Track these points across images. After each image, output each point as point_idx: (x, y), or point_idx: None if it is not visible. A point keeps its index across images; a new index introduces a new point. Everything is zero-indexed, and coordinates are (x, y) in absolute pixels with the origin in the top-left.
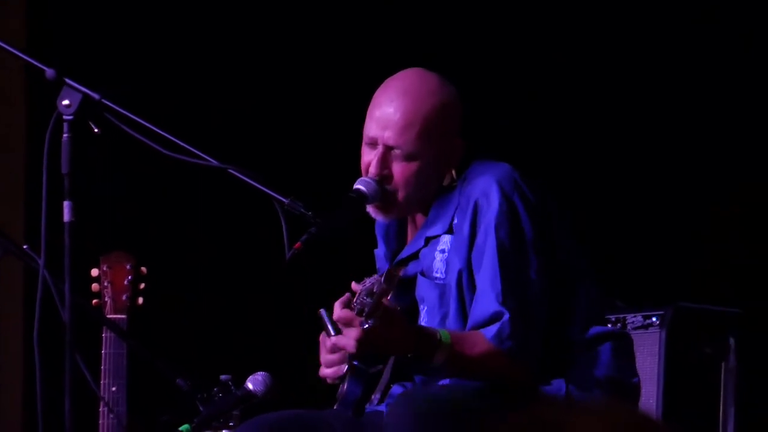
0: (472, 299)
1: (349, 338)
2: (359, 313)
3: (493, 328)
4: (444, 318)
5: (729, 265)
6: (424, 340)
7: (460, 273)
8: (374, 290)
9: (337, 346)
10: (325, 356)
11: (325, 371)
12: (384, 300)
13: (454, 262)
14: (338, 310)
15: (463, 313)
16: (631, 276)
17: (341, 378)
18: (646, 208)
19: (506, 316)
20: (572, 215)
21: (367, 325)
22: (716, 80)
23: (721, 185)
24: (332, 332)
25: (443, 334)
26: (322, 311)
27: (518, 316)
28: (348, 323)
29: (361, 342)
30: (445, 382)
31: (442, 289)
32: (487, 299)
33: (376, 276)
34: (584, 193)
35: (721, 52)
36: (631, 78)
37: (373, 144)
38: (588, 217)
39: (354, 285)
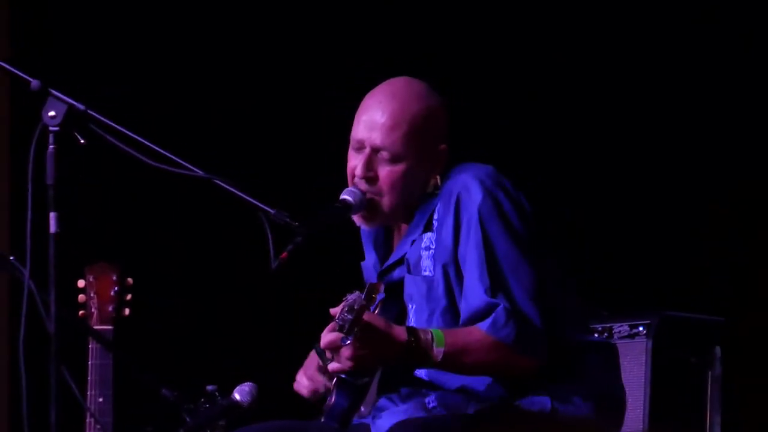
0: (460, 294)
1: (342, 360)
2: (341, 330)
3: (487, 321)
4: (431, 314)
5: (715, 275)
6: (417, 343)
7: (444, 268)
8: (354, 306)
9: (335, 372)
10: (313, 372)
11: (301, 380)
12: (364, 315)
13: (439, 258)
14: (324, 336)
15: (452, 308)
16: (617, 284)
17: (327, 391)
18: (632, 216)
19: (500, 306)
20: (557, 223)
21: (348, 341)
22: (714, 83)
23: (712, 192)
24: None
25: (435, 333)
26: (315, 349)
27: (511, 305)
28: (335, 346)
29: (353, 362)
30: (432, 398)
31: (429, 284)
32: (476, 294)
33: (357, 292)
34: (571, 201)
35: (720, 51)
36: (629, 87)
37: (360, 148)
38: (575, 224)
39: (332, 310)
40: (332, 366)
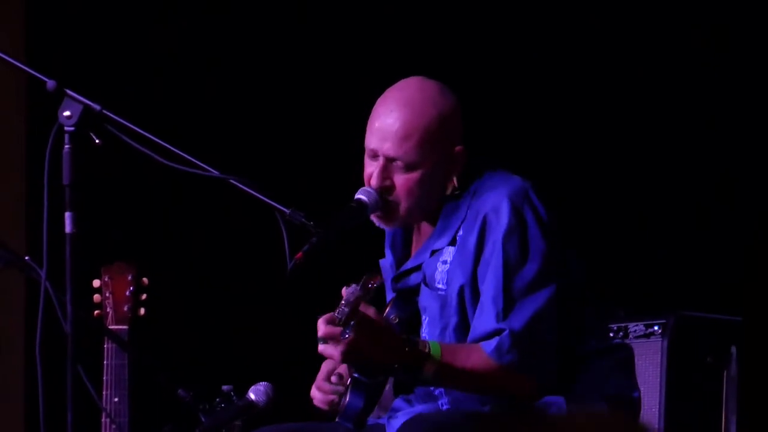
0: (474, 313)
1: (335, 349)
2: (340, 323)
3: (492, 342)
4: (444, 329)
5: (731, 274)
6: (411, 351)
7: (461, 288)
8: (350, 299)
9: (324, 354)
10: (321, 382)
11: (315, 393)
12: (360, 307)
13: (456, 275)
14: (322, 327)
15: (464, 325)
16: (633, 284)
17: (342, 391)
18: (648, 216)
19: (506, 331)
20: (573, 224)
21: (346, 335)
22: (733, 85)
23: (730, 191)
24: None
25: (432, 345)
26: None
27: (520, 331)
28: (334, 338)
29: (344, 353)
30: (445, 400)
31: (443, 300)
32: (487, 316)
33: (353, 285)
34: (586, 201)
35: (719, 52)
36: (637, 89)
37: (374, 156)
38: (589, 223)
39: (344, 290)
40: (324, 348)
